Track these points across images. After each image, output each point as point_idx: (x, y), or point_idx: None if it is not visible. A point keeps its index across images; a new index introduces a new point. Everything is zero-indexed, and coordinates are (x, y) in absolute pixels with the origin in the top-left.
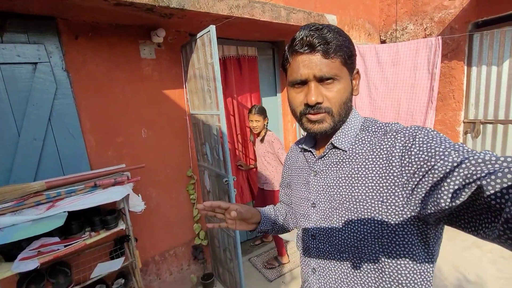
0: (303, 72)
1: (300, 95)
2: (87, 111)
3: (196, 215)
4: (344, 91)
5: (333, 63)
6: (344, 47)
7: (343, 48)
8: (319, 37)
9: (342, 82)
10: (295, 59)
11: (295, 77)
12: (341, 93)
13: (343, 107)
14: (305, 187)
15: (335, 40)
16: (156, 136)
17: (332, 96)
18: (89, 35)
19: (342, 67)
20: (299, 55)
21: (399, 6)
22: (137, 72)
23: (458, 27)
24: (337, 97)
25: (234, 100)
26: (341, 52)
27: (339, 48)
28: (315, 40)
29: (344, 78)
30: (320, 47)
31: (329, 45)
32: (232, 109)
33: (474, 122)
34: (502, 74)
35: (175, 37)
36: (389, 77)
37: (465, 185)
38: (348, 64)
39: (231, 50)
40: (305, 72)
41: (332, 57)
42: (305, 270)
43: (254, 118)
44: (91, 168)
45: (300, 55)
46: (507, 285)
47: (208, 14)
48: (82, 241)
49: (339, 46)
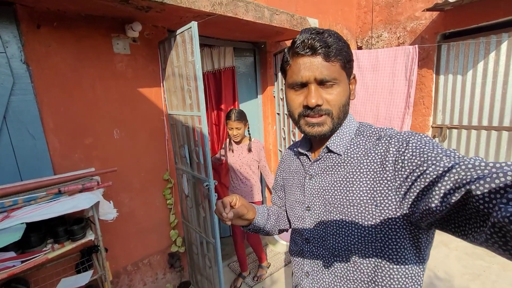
0: (304, 74)
1: (299, 97)
2: (50, 109)
3: (173, 221)
4: (343, 94)
5: (333, 66)
6: (343, 51)
7: (342, 53)
8: (320, 40)
9: (341, 85)
10: (295, 61)
11: (295, 79)
12: (340, 96)
13: (342, 110)
14: (300, 191)
15: (336, 44)
16: (130, 137)
17: (331, 99)
18: (54, 24)
19: (341, 71)
20: (300, 57)
21: (375, 14)
22: (109, 68)
23: (428, 37)
24: (337, 100)
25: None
26: (341, 56)
27: (339, 52)
28: (316, 43)
29: (343, 82)
30: (321, 50)
31: (330, 48)
32: (211, 108)
33: (441, 127)
34: (466, 83)
35: (152, 32)
36: (368, 83)
37: (455, 189)
38: (347, 68)
39: (207, 66)
40: (306, 74)
41: (333, 61)
42: (298, 274)
43: (235, 126)
44: (54, 172)
45: (301, 57)
46: (471, 280)
47: (190, 9)
48: (43, 256)
49: (339, 50)
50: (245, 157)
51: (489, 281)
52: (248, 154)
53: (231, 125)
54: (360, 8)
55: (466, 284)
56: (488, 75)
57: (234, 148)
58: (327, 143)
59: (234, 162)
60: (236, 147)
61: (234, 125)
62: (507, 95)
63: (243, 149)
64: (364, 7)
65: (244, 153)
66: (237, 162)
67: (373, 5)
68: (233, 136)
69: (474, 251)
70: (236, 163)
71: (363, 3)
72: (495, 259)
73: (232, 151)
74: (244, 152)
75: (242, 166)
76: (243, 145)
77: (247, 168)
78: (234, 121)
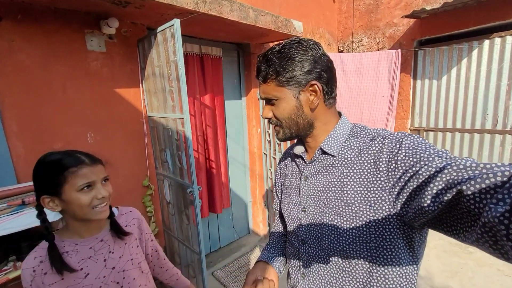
0: (260, 93)
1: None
2: (13, 110)
3: (153, 230)
4: (287, 107)
5: (269, 86)
6: (278, 71)
7: (275, 72)
8: (259, 66)
9: (284, 101)
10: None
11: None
12: (283, 110)
13: (289, 121)
14: (296, 192)
15: (273, 66)
16: (106, 141)
17: (276, 113)
18: (18, 17)
19: (278, 88)
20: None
21: (355, 20)
22: (83, 66)
23: (406, 43)
24: (280, 113)
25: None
26: (274, 76)
27: (271, 74)
28: (258, 68)
29: (286, 97)
30: (259, 75)
31: (262, 73)
32: (193, 109)
33: (419, 129)
34: (441, 87)
35: (131, 29)
36: (353, 86)
37: (447, 189)
38: (287, 83)
39: (194, 48)
40: (260, 93)
41: (268, 82)
42: (294, 276)
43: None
44: (18, 181)
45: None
46: (449, 277)
47: (171, 6)
48: (4, 276)
49: (271, 72)
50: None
51: (466, 277)
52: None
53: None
54: (341, 14)
55: (445, 282)
56: (461, 80)
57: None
58: (321, 145)
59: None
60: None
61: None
62: (478, 99)
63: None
64: (345, 12)
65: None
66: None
67: (353, 11)
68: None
69: (451, 249)
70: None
71: (344, 8)
72: (470, 256)
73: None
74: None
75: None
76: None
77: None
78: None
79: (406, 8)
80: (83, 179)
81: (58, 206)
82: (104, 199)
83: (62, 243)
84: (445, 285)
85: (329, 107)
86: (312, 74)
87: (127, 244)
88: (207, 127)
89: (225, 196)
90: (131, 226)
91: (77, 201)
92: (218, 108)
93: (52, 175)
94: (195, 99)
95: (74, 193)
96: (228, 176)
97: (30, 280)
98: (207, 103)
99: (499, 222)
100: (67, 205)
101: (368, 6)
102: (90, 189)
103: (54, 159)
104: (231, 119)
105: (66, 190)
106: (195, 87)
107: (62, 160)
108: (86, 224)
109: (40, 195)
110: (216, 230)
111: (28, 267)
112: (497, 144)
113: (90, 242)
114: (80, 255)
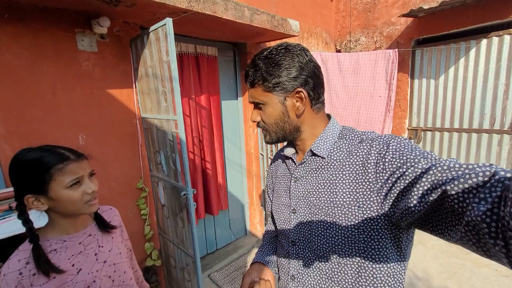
0: (248, 97)
1: None
2: (0, 112)
3: (148, 233)
4: (274, 112)
5: (256, 91)
6: (265, 76)
7: (262, 78)
8: (247, 71)
9: (270, 106)
10: None
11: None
12: (269, 115)
13: (275, 126)
14: (286, 194)
15: (260, 72)
16: (98, 143)
17: (263, 118)
18: (5, 16)
19: (265, 93)
20: None
21: (353, 19)
22: (73, 66)
23: (403, 42)
24: (267, 118)
25: (192, 101)
26: (261, 81)
27: (258, 79)
28: (246, 73)
29: (273, 102)
30: (247, 80)
31: (249, 77)
32: (189, 110)
33: (416, 129)
34: (439, 87)
35: (123, 29)
36: (350, 86)
37: (432, 190)
38: (273, 89)
39: (189, 47)
40: (248, 97)
41: (255, 87)
42: (284, 278)
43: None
44: (6, 185)
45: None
46: (448, 278)
47: (164, 5)
48: None
49: (258, 77)
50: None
51: (464, 278)
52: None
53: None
54: (339, 13)
55: (443, 282)
56: (458, 79)
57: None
58: (311, 146)
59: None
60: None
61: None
62: (476, 99)
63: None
64: (343, 11)
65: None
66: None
67: (351, 10)
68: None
69: (449, 249)
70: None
71: (341, 7)
72: (468, 256)
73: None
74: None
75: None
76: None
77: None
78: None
79: (403, 7)
80: (71, 176)
81: (44, 204)
82: (94, 193)
83: (48, 242)
84: (443, 286)
85: (316, 111)
86: (298, 81)
87: (114, 238)
88: (203, 127)
89: (222, 198)
90: (114, 222)
91: (68, 198)
92: (214, 109)
93: (36, 173)
94: (191, 100)
95: (63, 190)
96: (225, 177)
97: (14, 285)
98: (202, 104)
99: (481, 220)
100: (55, 203)
101: (366, 5)
102: (78, 185)
103: (35, 157)
104: (228, 120)
105: (53, 187)
106: (190, 87)
107: (44, 158)
108: (73, 220)
109: (23, 195)
110: (212, 232)
111: (13, 270)
112: (494, 143)
113: (78, 238)
114: (70, 251)
